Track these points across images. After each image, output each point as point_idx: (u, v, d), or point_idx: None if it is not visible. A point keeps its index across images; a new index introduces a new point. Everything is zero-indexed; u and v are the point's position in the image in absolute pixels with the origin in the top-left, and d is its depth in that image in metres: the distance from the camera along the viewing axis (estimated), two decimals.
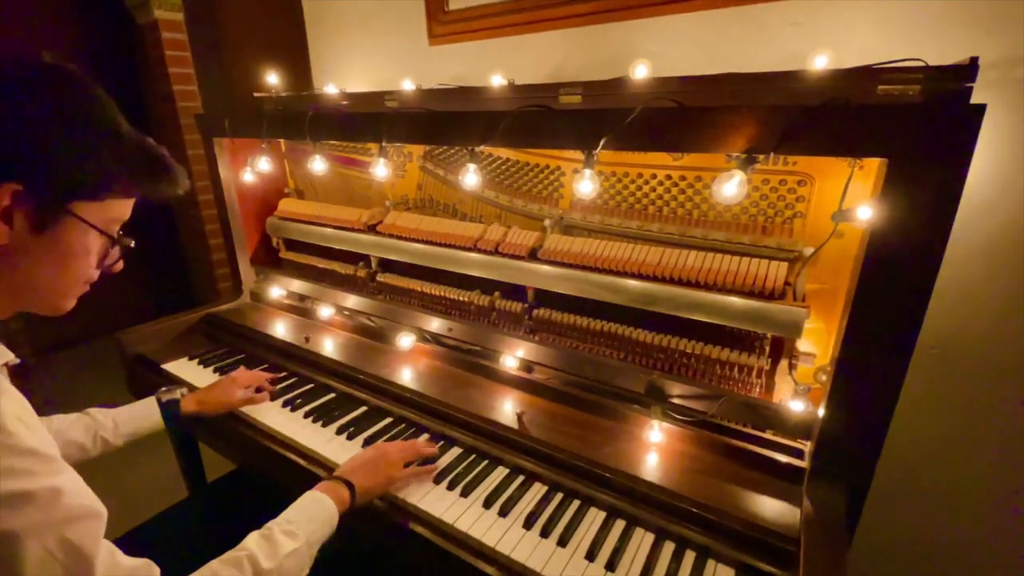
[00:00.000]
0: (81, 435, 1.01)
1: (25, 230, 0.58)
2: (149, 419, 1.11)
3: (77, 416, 1.04)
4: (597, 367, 1.14)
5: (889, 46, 1.08)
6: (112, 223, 0.66)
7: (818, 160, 0.94)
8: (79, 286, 0.68)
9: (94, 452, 1.03)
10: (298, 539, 0.75)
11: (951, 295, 1.07)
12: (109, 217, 0.65)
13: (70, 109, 0.60)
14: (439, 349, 1.35)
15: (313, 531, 0.78)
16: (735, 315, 0.98)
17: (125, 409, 1.10)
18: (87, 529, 0.57)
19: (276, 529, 0.75)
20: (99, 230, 0.64)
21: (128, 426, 1.08)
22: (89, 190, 0.62)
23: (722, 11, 1.24)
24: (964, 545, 1.21)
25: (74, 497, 0.57)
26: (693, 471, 0.94)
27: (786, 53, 1.18)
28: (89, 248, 0.64)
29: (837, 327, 0.99)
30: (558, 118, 0.95)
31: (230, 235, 1.75)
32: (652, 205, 1.13)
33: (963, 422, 1.15)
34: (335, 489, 0.86)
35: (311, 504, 0.82)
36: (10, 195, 0.55)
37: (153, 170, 0.68)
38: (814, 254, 0.93)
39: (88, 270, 0.67)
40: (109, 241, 0.67)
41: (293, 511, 0.81)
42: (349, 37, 1.99)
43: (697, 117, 0.80)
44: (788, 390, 1.01)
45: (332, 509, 0.83)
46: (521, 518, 0.90)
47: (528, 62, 1.56)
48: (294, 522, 0.77)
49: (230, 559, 0.69)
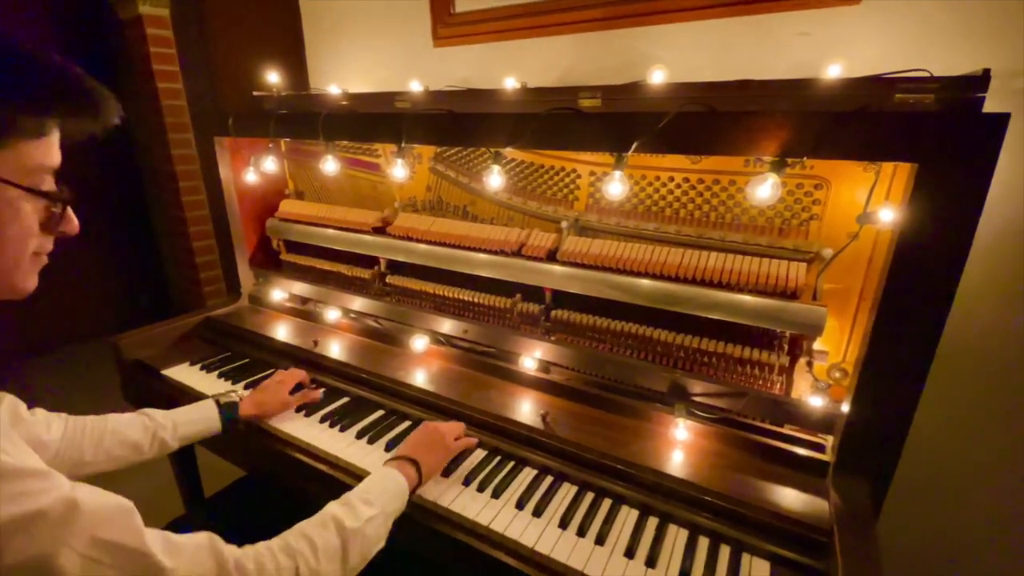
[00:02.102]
0: (139, 435, 0.98)
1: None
2: (208, 422, 1.07)
3: (134, 415, 1.01)
4: (618, 367, 1.15)
5: (894, 56, 1.13)
6: (34, 174, 0.53)
7: (834, 164, 0.98)
8: (28, 259, 0.56)
9: (149, 454, 1.00)
10: (375, 507, 0.76)
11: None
12: (26, 167, 0.52)
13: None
14: (453, 351, 1.34)
15: (388, 503, 0.79)
16: (756, 314, 1.01)
17: (184, 411, 1.07)
18: (123, 523, 0.53)
19: (354, 498, 0.76)
20: (16, 184, 0.51)
21: (187, 428, 1.04)
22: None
23: (731, 20, 1.27)
24: (972, 537, 1.26)
25: (92, 499, 0.52)
26: (720, 467, 0.96)
27: (794, 62, 1.22)
28: (17, 210, 0.52)
29: (851, 326, 1.04)
30: (587, 121, 0.96)
31: (227, 237, 1.70)
32: (669, 207, 1.16)
33: (964, 416, 1.20)
34: (403, 467, 0.88)
35: (383, 479, 0.84)
36: None
37: (61, 94, 0.54)
38: (836, 255, 0.96)
39: (30, 237, 0.55)
40: (39, 197, 0.54)
41: (368, 483, 0.82)
42: (348, 37, 1.97)
43: (731, 121, 0.82)
44: (805, 387, 1.04)
45: (403, 484, 0.84)
46: (556, 518, 0.90)
47: (535, 66, 1.57)
48: (371, 492, 0.79)
49: (314, 520, 0.70)
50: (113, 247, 3.15)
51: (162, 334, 1.54)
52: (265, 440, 1.15)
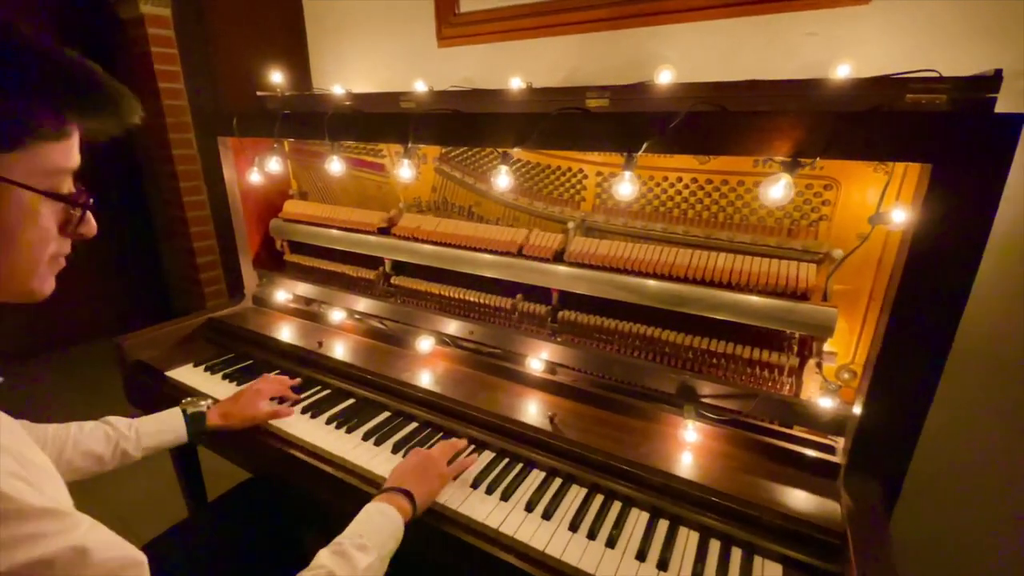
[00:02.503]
0: (101, 446, 0.95)
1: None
2: (173, 431, 1.05)
3: (96, 424, 0.98)
4: (625, 368, 1.14)
5: (902, 56, 1.12)
6: (53, 177, 0.53)
7: (844, 164, 0.98)
8: (46, 262, 0.55)
9: (111, 464, 0.97)
10: (371, 553, 0.73)
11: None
12: (45, 169, 0.51)
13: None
14: (459, 352, 1.34)
15: (383, 543, 0.76)
16: (765, 315, 1.00)
17: (148, 420, 1.04)
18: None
19: (347, 544, 0.73)
20: (34, 189, 0.50)
21: (151, 439, 1.02)
22: (3, 136, 0.48)
23: (738, 20, 1.27)
24: (983, 538, 1.26)
25: (104, 551, 0.49)
26: (730, 469, 0.96)
27: (802, 62, 1.22)
28: (34, 213, 0.51)
29: (860, 327, 1.03)
30: (597, 121, 0.95)
31: (231, 237, 1.69)
32: (677, 208, 1.15)
33: (974, 415, 1.20)
34: (395, 500, 0.84)
35: (377, 516, 0.80)
36: None
37: (83, 94, 0.52)
38: (847, 256, 0.96)
39: (47, 242, 0.54)
40: (58, 200, 0.53)
41: (360, 525, 0.78)
42: (351, 37, 1.96)
43: (743, 121, 0.82)
44: (815, 388, 1.04)
45: (398, 520, 0.81)
46: (566, 521, 0.90)
47: (540, 66, 1.57)
48: (364, 536, 0.75)
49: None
50: (113, 247, 3.14)
51: (165, 335, 1.53)
52: (271, 442, 1.14)
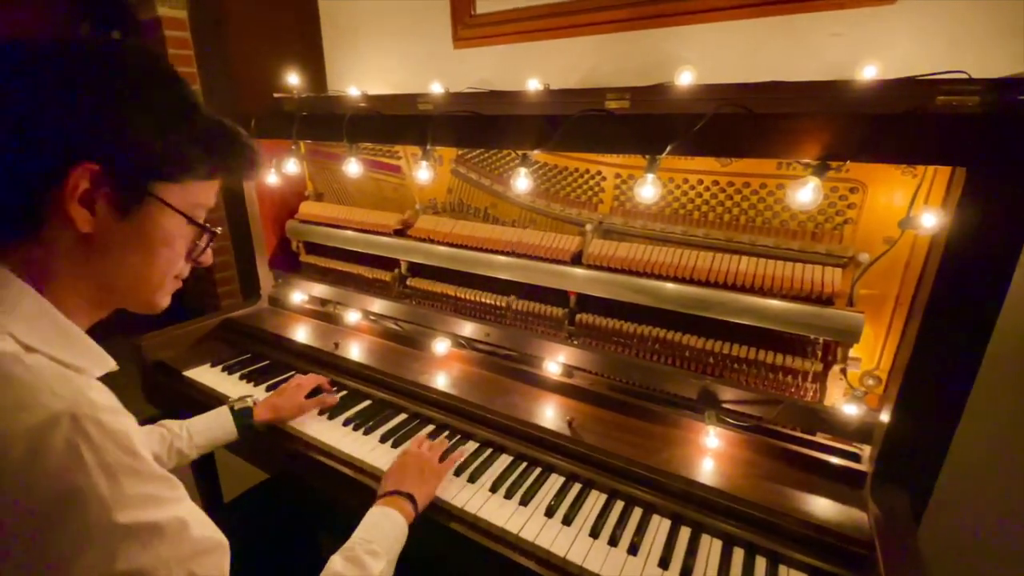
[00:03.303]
0: (157, 446, 0.99)
1: (109, 216, 0.54)
2: (223, 429, 1.08)
3: (152, 427, 1.02)
4: (645, 372, 1.13)
5: (929, 58, 1.10)
6: (196, 208, 0.62)
7: (871, 167, 0.96)
8: (170, 280, 0.64)
9: (169, 464, 1.00)
10: (381, 559, 0.74)
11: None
12: (192, 202, 0.61)
13: (146, 83, 0.56)
14: (475, 355, 1.33)
15: (391, 547, 0.77)
16: (789, 320, 0.99)
17: (198, 420, 1.07)
18: (214, 562, 0.54)
19: (359, 550, 0.74)
20: (185, 215, 0.60)
21: (202, 436, 1.05)
22: (169, 170, 0.57)
23: (761, 20, 1.25)
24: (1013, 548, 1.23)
25: (199, 528, 0.53)
26: (753, 476, 0.94)
27: (826, 63, 1.20)
28: (175, 236, 0.60)
29: (886, 332, 1.01)
30: (619, 123, 0.95)
31: (245, 238, 1.70)
32: (698, 211, 1.14)
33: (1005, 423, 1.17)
34: (398, 503, 0.85)
35: (383, 520, 0.81)
36: (89, 176, 0.51)
37: (232, 149, 0.63)
38: (875, 261, 0.94)
39: (177, 262, 0.63)
40: (194, 228, 0.62)
41: (367, 529, 0.79)
42: (366, 38, 1.97)
43: (771, 123, 0.80)
44: (839, 394, 1.02)
45: (402, 523, 0.82)
46: (587, 527, 0.89)
47: (557, 67, 1.56)
48: (374, 540, 0.76)
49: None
50: None
51: (183, 335, 1.54)
52: (290, 443, 1.14)
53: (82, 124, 0.51)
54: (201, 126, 0.60)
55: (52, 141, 0.50)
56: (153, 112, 0.55)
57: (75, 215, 0.51)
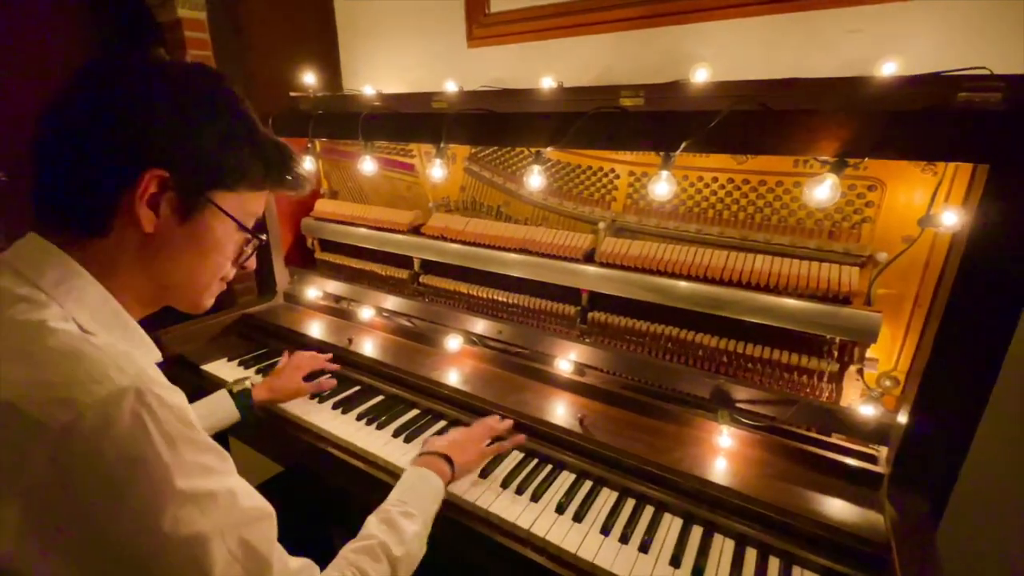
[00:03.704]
0: None
1: (169, 218, 0.59)
2: (224, 411, 1.11)
3: None
4: (658, 371, 1.13)
5: (950, 54, 1.08)
6: (247, 216, 0.67)
7: (889, 165, 0.94)
8: (217, 282, 0.68)
9: None
10: (416, 520, 0.77)
11: None
12: (245, 210, 0.66)
13: (211, 98, 0.61)
14: (487, 352, 1.34)
15: (426, 508, 0.80)
16: (805, 319, 0.97)
17: (199, 405, 1.10)
18: (263, 530, 0.57)
19: (394, 512, 0.76)
20: (237, 222, 0.65)
21: (207, 420, 1.08)
22: (227, 179, 0.62)
23: (777, 17, 1.24)
24: None
25: (248, 498, 0.57)
26: (766, 476, 0.93)
27: (843, 60, 1.18)
28: (227, 241, 0.65)
29: (904, 333, 1.00)
30: (634, 121, 0.94)
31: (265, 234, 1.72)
32: (712, 209, 1.13)
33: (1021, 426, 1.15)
34: (436, 463, 0.88)
35: (419, 482, 0.84)
36: (157, 182, 0.56)
37: (284, 164, 0.69)
38: (894, 260, 0.93)
39: (225, 265, 0.67)
40: (244, 235, 0.67)
41: (403, 491, 0.82)
42: (381, 37, 1.98)
43: (788, 120, 0.79)
44: (856, 395, 1.01)
45: (439, 484, 0.85)
46: (598, 524, 0.89)
47: (572, 65, 1.56)
48: (408, 502, 0.79)
49: (363, 548, 0.70)
50: None
51: (201, 330, 1.56)
52: (303, 436, 1.16)
53: (155, 134, 0.57)
54: (260, 143, 0.65)
55: (128, 148, 0.55)
56: (218, 127, 0.61)
57: (141, 215, 0.56)
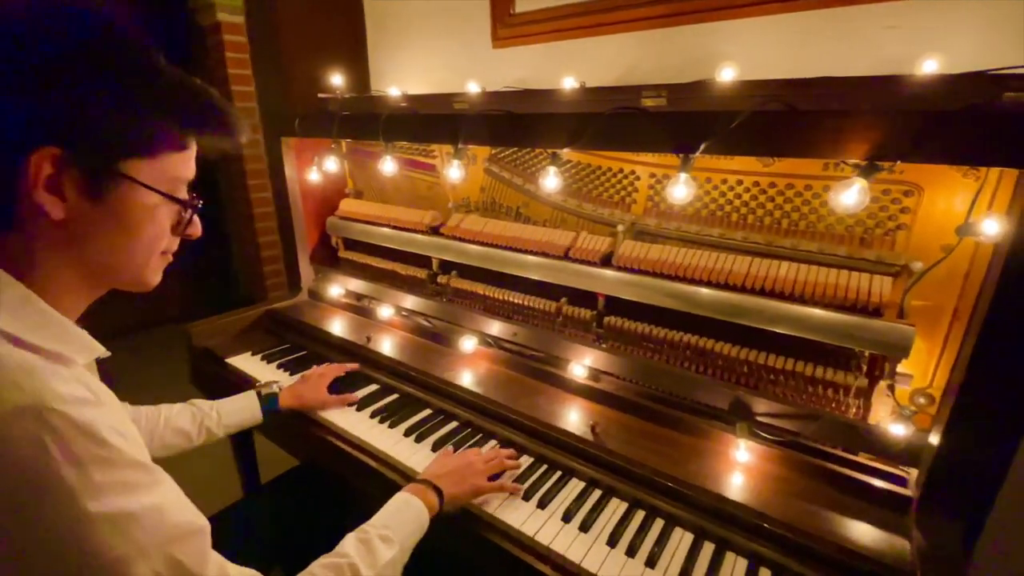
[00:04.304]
0: (188, 424, 1.05)
1: (81, 200, 0.52)
2: (249, 411, 1.13)
3: (184, 405, 1.08)
4: (674, 380, 1.10)
5: (994, 51, 1.01)
6: (174, 183, 0.59)
7: (927, 169, 0.89)
8: (157, 256, 0.62)
9: (197, 441, 1.06)
10: (394, 546, 0.74)
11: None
12: (168, 176, 0.58)
13: (97, 52, 0.51)
14: (502, 354, 1.33)
15: (407, 537, 0.77)
16: (832, 330, 0.93)
17: (227, 401, 1.13)
18: (193, 546, 0.54)
19: (373, 533, 0.74)
20: (161, 192, 0.57)
21: (231, 417, 1.10)
22: (135, 146, 0.54)
23: (810, 13, 1.19)
24: None
25: (177, 513, 0.54)
26: (785, 493, 0.89)
27: (880, 57, 1.12)
28: (155, 213, 0.58)
29: (941, 348, 0.94)
30: (652, 121, 0.92)
31: (291, 233, 1.77)
32: (736, 212, 1.09)
33: None
34: (425, 493, 0.85)
35: (404, 508, 0.81)
36: (50, 161, 0.49)
37: (202, 114, 0.59)
38: (929, 269, 0.87)
39: (162, 238, 0.61)
40: (175, 203, 0.60)
41: (387, 515, 0.79)
42: (408, 39, 2.00)
43: (815, 121, 0.76)
44: (885, 412, 0.95)
45: (424, 515, 0.82)
46: (604, 535, 0.86)
47: (596, 65, 1.53)
48: (390, 527, 0.76)
49: (332, 565, 0.68)
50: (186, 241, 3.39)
51: (228, 324, 1.61)
52: (317, 431, 1.18)
53: (32, 107, 0.48)
54: (165, 93, 0.56)
55: (1, 129, 0.48)
56: (109, 85, 0.51)
57: (44, 203, 0.49)
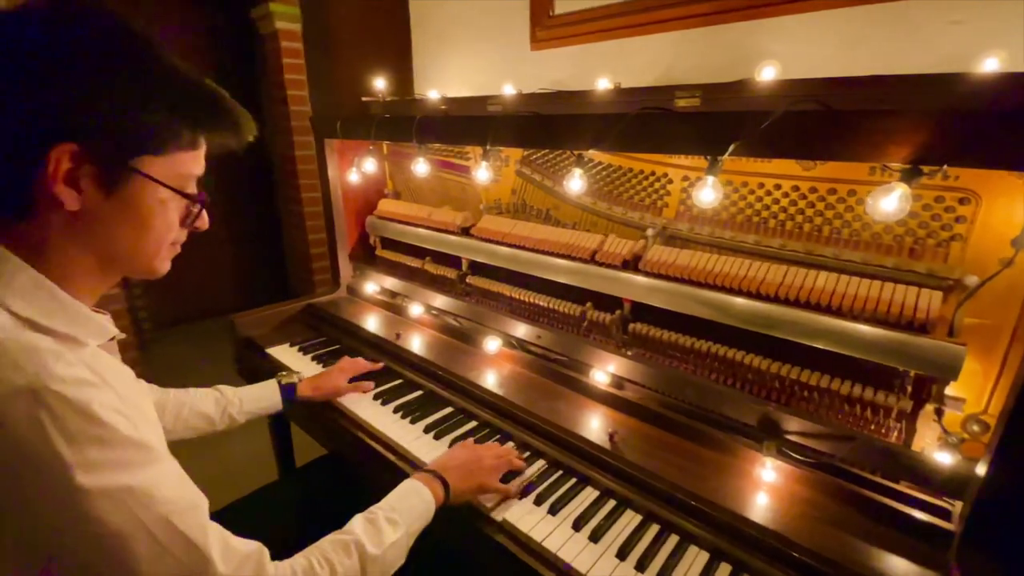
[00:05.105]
0: (211, 408, 1.10)
1: (95, 193, 0.55)
2: (270, 400, 1.19)
3: (209, 391, 1.14)
4: (700, 391, 1.05)
5: None
6: (184, 179, 0.62)
7: (987, 175, 0.81)
8: (166, 247, 0.65)
9: (220, 426, 1.12)
10: (399, 529, 0.76)
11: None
12: (178, 172, 0.61)
13: (116, 55, 0.54)
14: (525, 356, 1.32)
15: (412, 522, 0.79)
16: (873, 347, 0.86)
17: (250, 389, 1.19)
18: (191, 519, 0.56)
19: (380, 515, 0.76)
20: (169, 187, 0.60)
21: (252, 404, 1.16)
22: (148, 144, 0.57)
23: (861, 8, 1.12)
24: None
25: (174, 488, 0.56)
26: (813, 519, 0.84)
27: (942, 55, 1.04)
28: (165, 207, 0.61)
29: (998, 370, 0.85)
30: (679, 121, 0.89)
31: (333, 231, 1.83)
32: (774, 219, 1.04)
33: None
34: (432, 484, 0.86)
35: (412, 495, 0.83)
36: (68, 156, 0.52)
37: (213, 115, 0.63)
38: (982, 284, 0.80)
39: (171, 230, 0.64)
40: (184, 198, 0.63)
41: (395, 499, 0.82)
42: (450, 43, 2.04)
43: (854, 122, 0.71)
44: (931, 439, 0.87)
45: (431, 503, 0.83)
46: (614, 547, 0.84)
47: (634, 66, 1.51)
48: (397, 510, 0.78)
49: (339, 542, 0.70)
50: (245, 237, 3.63)
51: (272, 316, 1.69)
52: (343, 422, 1.21)
53: (53, 105, 0.51)
54: (183, 96, 0.59)
55: (25, 125, 0.51)
56: (125, 86, 0.55)
57: (61, 195, 0.53)
